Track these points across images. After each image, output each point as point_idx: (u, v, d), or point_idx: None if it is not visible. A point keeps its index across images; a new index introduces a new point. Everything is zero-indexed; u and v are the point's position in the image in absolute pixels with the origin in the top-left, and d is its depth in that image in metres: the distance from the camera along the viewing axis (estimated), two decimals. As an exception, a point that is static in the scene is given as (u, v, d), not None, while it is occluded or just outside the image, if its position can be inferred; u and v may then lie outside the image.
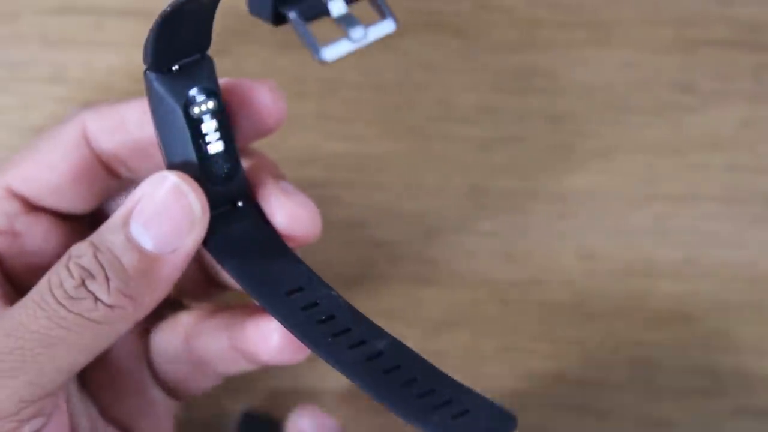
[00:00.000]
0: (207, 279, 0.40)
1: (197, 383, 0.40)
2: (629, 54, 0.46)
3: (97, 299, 0.33)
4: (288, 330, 0.34)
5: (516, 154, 0.46)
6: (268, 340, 0.37)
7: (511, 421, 0.32)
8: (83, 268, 0.33)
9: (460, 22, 0.46)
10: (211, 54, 0.36)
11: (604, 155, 0.46)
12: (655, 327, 0.45)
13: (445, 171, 0.46)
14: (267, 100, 0.37)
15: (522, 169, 0.46)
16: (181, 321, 0.39)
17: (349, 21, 0.29)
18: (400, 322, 0.45)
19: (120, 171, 0.38)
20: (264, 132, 0.37)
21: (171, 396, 0.40)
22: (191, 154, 0.35)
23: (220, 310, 0.39)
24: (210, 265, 0.39)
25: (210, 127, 0.35)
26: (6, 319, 0.33)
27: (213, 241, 0.35)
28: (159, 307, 0.35)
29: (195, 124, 0.35)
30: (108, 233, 0.34)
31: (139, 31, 0.45)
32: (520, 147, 0.46)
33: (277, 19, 0.29)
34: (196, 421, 0.44)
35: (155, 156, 0.37)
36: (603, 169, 0.46)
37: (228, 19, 0.43)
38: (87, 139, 0.37)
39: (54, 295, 0.33)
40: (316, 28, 0.30)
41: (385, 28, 0.29)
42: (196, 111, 0.35)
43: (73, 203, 0.38)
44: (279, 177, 0.37)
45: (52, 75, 0.45)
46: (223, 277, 0.39)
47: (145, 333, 0.40)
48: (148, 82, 0.35)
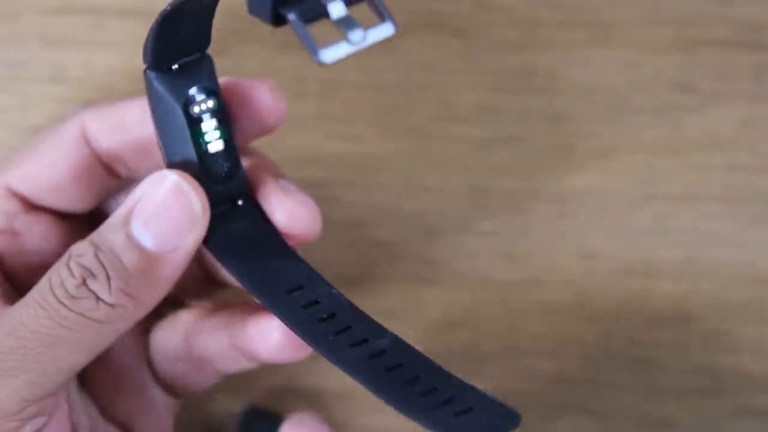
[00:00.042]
0: (206, 277, 0.40)
1: (196, 381, 0.40)
2: (629, 54, 0.46)
3: (98, 298, 0.33)
4: (289, 328, 0.34)
5: (516, 154, 0.46)
6: (268, 338, 0.37)
7: (514, 419, 0.32)
8: (84, 267, 0.33)
9: (460, 22, 0.46)
10: (211, 54, 0.36)
11: (604, 155, 0.46)
12: (655, 327, 0.45)
13: (445, 171, 0.45)
14: (267, 99, 0.37)
15: (522, 169, 0.46)
16: (181, 319, 0.39)
17: (348, 23, 0.29)
18: (400, 322, 0.45)
19: (119, 170, 0.38)
20: (264, 131, 0.37)
21: (170, 394, 0.40)
22: (191, 153, 0.35)
23: (219, 308, 0.39)
24: (209, 263, 0.39)
25: (210, 125, 0.35)
26: (7, 318, 0.34)
27: (213, 239, 0.35)
28: (158, 306, 0.35)
29: (195, 122, 0.35)
30: (108, 232, 0.34)
31: (139, 31, 0.45)
32: (520, 147, 0.46)
33: (277, 20, 0.29)
34: (196, 421, 0.44)
35: (155, 155, 0.37)
36: (603, 169, 0.46)
37: (228, 19, 0.43)
38: (87, 138, 0.37)
39: (55, 295, 0.33)
40: (316, 30, 0.30)
41: (384, 31, 0.29)
42: (195, 110, 0.35)
43: (73, 202, 0.38)
44: (278, 176, 0.37)
45: (52, 75, 0.45)
46: (222, 275, 0.39)
47: (145, 331, 0.40)
48: (148, 81, 0.35)
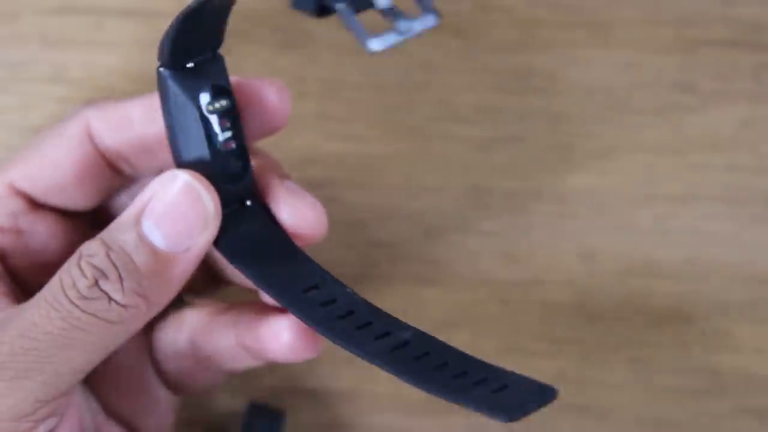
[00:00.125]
0: (209, 275, 0.40)
1: (200, 379, 0.40)
2: (629, 54, 0.46)
3: (110, 299, 0.33)
4: (312, 328, 0.34)
5: (516, 154, 0.46)
6: (279, 338, 0.37)
7: (552, 392, 0.32)
8: (96, 268, 0.33)
9: (460, 22, 0.46)
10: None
11: (604, 155, 0.46)
12: (655, 327, 0.45)
13: (445, 171, 0.45)
14: (274, 98, 0.36)
15: (522, 169, 0.46)
16: (186, 318, 0.39)
17: (394, 13, 0.29)
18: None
19: (123, 168, 0.38)
20: (270, 130, 0.37)
21: (173, 392, 0.40)
22: (205, 152, 0.35)
23: (226, 307, 0.39)
24: (213, 261, 0.39)
25: (224, 125, 0.35)
26: (19, 319, 0.33)
27: (224, 240, 0.35)
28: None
29: (209, 121, 0.35)
30: (119, 232, 0.34)
31: (139, 31, 0.45)
32: (520, 147, 0.46)
33: (321, 11, 0.29)
34: (198, 419, 0.44)
35: (159, 154, 0.37)
36: (603, 169, 0.46)
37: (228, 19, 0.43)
38: (91, 137, 0.37)
39: (67, 296, 0.33)
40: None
41: (429, 21, 0.29)
42: (210, 108, 0.35)
43: (76, 200, 0.38)
44: (284, 176, 0.37)
45: (52, 75, 0.45)
46: (227, 273, 0.39)
47: (149, 329, 0.40)
48: (162, 80, 0.35)
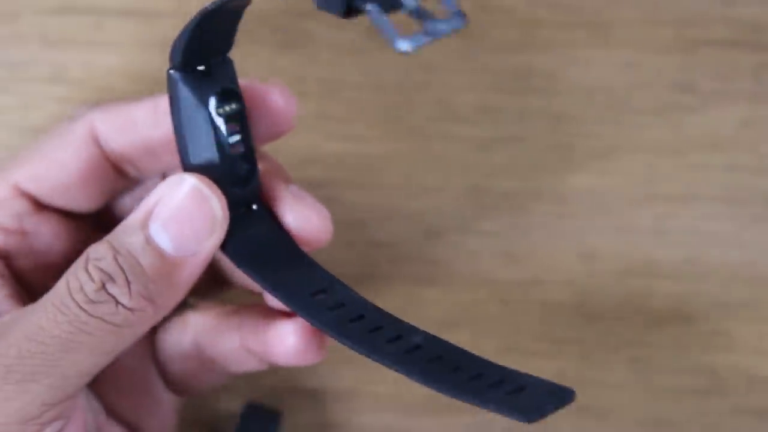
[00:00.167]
0: (213, 277, 0.40)
1: (203, 381, 0.40)
2: (629, 54, 0.46)
3: (117, 303, 0.33)
4: (324, 331, 0.34)
5: (516, 154, 0.46)
6: (285, 341, 0.37)
7: (569, 393, 0.32)
8: (103, 271, 0.33)
9: (460, 22, 0.46)
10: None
11: (604, 155, 0.46)
12: (655, 327, 0.45)
13: (445, 171, 0.45)
14: (280, 102, 0.37)
15: (522, 169, 0.46)
16: (189, 320, 0.39)
17: (422, 14, 0.29)
18: (401, 322, 0.45)
19: (127, 170, 0.38)
20: (276, 134, 0.37)
21: (176, 393, 0.40)
22: (214, 155, 0.35)
23: (230, 310, 0.39)
24: (217, 263, 0.39)
25: (233, 128, 0.35)
26: (26, 322, 0.33)
27: (231, 244, 0.35)
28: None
29: (218, 124, 0.35)
30: (126, 235, 0.34)
31: (139, 31, 0.45)
32: (520, 147, 0.46)
33: (349, 12, 0.29)
34: (196, 418, 0.44)
35: (163, 156, 0.37)
36: (603, 169, 0.46)
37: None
38: (96, 138, 0.37)
39: (74, 299, 0.33)
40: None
41: (456, 22, 0.29)
42: (220, 112, 0.35)
43: (81, 202, 0.38)
44: (288, 180, 0.37)
45: (52, 75, 0.45)
46: (231, 275, 0.39)
47: (152, 331, 0.40)
48: (173, 82, 0.35)
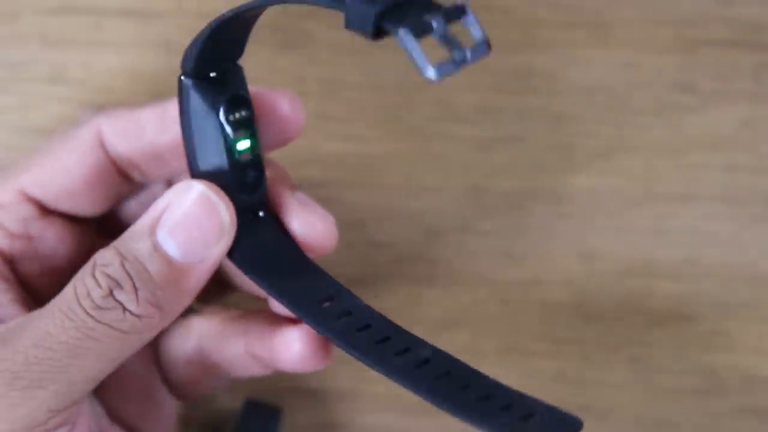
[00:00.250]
0: (217, 282, 0.39)
1: (206, 385, 0.40)
2: (629, 54, 0.46)
3: (125, 309, 0.33)
4: (331, 340, 0.34)
5: (516, 154, 0.46)
6: (291, 348, 0.37)
7: (577, 423, 0.32)
8: (110, 278, 0.33)
9: (460, 22, 0.46)
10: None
11: (604, 155, 0.46)
12: (655, 327, 0.45)
13: (445, 171, 0.45)
14: (288, 109, 0.36)
15: (522, 169, 0.46)
16: (193, 325, 0.39)
17: (451, 42, 0.29)
18: (400, 322, 0.44)
19: (133, 175, 0.38)
20: (283, 141, 0.37)
21: (178, 397, 0.40)
22: (223, 162, 0.35)
23: (235, 315, 0.39)
24: (221, 268, 0.39)
25: (242, 134, 0.35)
26: (33, 328, 0.33)
27: (238, 251, 0.35)
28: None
29: (228, 131, 0.35)
30: (133, 241, 0.34)
31: (139, 32, 0.45)
32: (520, 147, 0.46)
33: (378, 34, 0.29)
34: (197, 416, 0.44)
35: (170, 162, 0.37)
36: (603, 169, 0.46)
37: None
38: (102, 144, 0.37)
39: (82, 306, 0.33)
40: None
41: (481, 51, 0.29)
42: (230, 118, 0.35)
43: (86, 207, 0.38)
44: (294, 187, 0.37)
45: (52, 75, 0.45)
46: (235, 280, 0.39)
47: (156, 335, 0.40)
48: (184, 89, 0.35)
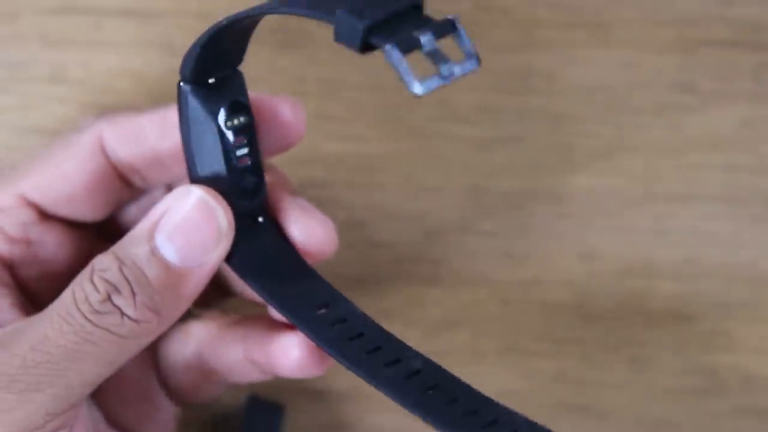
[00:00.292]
0: (216, 287, 0.39)
1: (204, 390, 0.40)
2: (629, 54, 0.46)
3: (123, 314, 0.33)
4: (323, 350, 0.34)
5: (516, 154, 0.46)
6: (289, 354, 0.37)
7: None
8: (108, 282, 0.33)
9: (460, 22, 0.46)
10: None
11: (604, 155, 0.46)
12: (655, 327, 0.45)
13: (445, 171, 0.45)
14: (289, 116, 0.37)
15: (522, 169, 0.46)
16: (192, 330, 0.39)
17: (439, 57, 0.29)
18: (400, 322, 0.45)
19: (134, 181, 0.38)
20: (284, 147, 0.37)
21: (176, 402, 0.40)
22: (221, 168, 0.35)
23: (234, 321, 0.39)
24: (221, 273, 0.39)
25: (241, 141, 0.35)
26: (31, 332, 0.33)
27: (236, 256, 0.35)
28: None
29: (227, 137, 0.35)
30: (132, 246, 0.34)
31: (139, 32, 0.45)
32: (520, 147, 0.46)
33: (366, 48, 0.29)
34: (196, 414, 0.44)
35: (171, 167, 0.37)
36: (603, 169, 0.46)
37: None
38: (103, 149, 0.37)
39: (80, 310, 0.33)
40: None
41: (470, 66, 0.29)
42: (228, 125, 0.35)
43: (86, 212, 0.38)
44: (294, 193, 0.37)
45: (52, 75, 0.45)
46: (234, 286, 0.39)
47: (155, 340, 0.40)
48: (183, 95, 0.35)
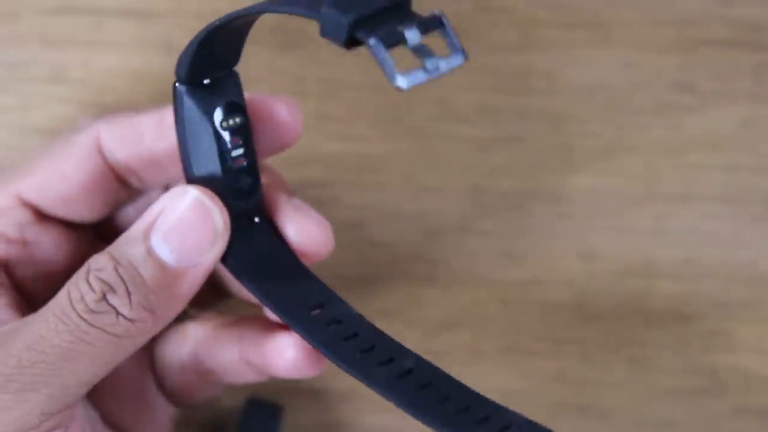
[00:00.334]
0: (213, 288, 0.39)
1: (201, 391, 0.40)
2: (629, 54, 0.46)
3: (118, 313, 0.33)
4: (318, 350, 0.34)
5: (516, 154, 0.46)
6: (284, 355, 0.37)
7: None
8: (104, 282, 0.33)
9: (460, 22, 0.46)
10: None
11: (604, 155, 0.46)
12: (655, 327, 0.45)
13: (445, 171, 0.45)
14: (286, 116, 0.37)
15: (522, 169, 0.46)
16: (188, 331, 0.39)
17: (424, 52, 0.29)
18: (400, 322, 0.45)
19: (131, 181, 0.38)
20: (280, 147, 0.37)
21: (173, 403, 0.40)
22: (216, 168, 0.35)
23: (230, 322, 0.39)
24: (217, 274, 0.39)
25: (236, 141, 0.35)
26: (26, 332, 0.33)
27: (231, 257, 0.35)
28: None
29: (222, 138, 0.35)
30: (127, 246, 0.34)
31: (139, 32, 0.45)
32: (520, 147, 0.46)
33: (351, 43, 0.29)
34: (195, 416, 0.44)
35: (168, 168, 0.37)
36: (603, 169, 0.46)
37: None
38: (100, 150, 0.37)
39: (75, 309, 0.33)
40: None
41: (455, 61, 0.30)
42: (224, 125, 0.35)
43: (83, 213, 0.38)
44: (290, 193, 0.37)
45: (52, 75, 0.45)
46: (231, 287, 0.39)
47: (151, 341, 0.40)
48: (178, 95, 0.35)
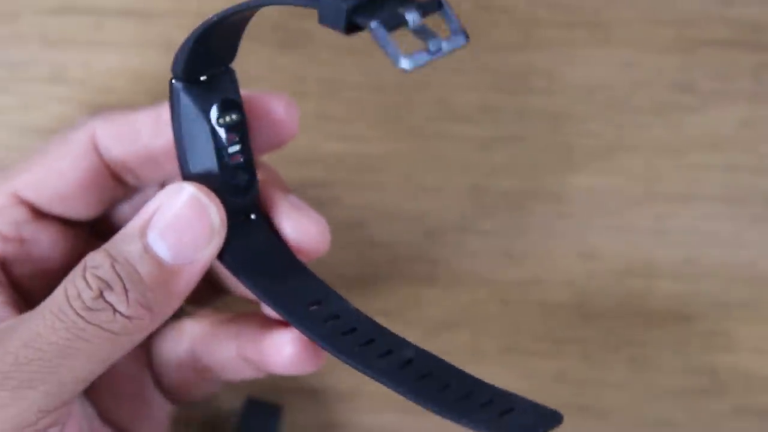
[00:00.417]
0: (210, 285, 0.39)
1: (198, 388, 0.40)
2: (629, 54, 0.46)
3: (115, 310, 0.33)
4: (317, 344, 0.34)
5: (516, 154, 0.46)
6: (282, 351, 0.37)
7: (557, 417, 0.32)
8: (101, 279, 0.33)
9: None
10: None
11: (604, 155, 0.46)
12: (655, 327, 0.45)
13: (445, 171, 0.45)
14: (282, 112, 0.37)
15: (522, 169, 0.46)
16: (186, 328, 0.39)
17: (426, 33, 0.29)
18: (400, 322, 0.45)
19: (127, 179, 0.38)
20: (277, 144, 0.37)
21: (170, 400, 0.40)
22: (213, 165, 0.35)
23: (227, 318, 0.39)
24: (214, 271, 0.39)
25: (233, 138, 0.35)
26: (23, 329, 0.33)
27: (228, 254, 0.35)
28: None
29: (219, 135, 0.35)
30: (124, 243, 0.34)
31: (139, 31, 0.45)
32: (520, 147, 0.46)
33: (351, 28, 0.29)
34: (194, 416, 0.44)
35: (165, 165, 0.37)
36: (603, 169, 0.46)
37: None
38: (97, 147, 0.37)
39: (72, 307, 0.33)
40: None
41: (457, 41, 0.30)
42: (220, 122, 0.35)
43: (80, 210, 0.38)
44: (287, 190, 0.37)
45: (52, 75, 0.45)
46: (228, 283, 0.39)
47: (148, 338, 0.40)
48: (175, 92, 0.35)
